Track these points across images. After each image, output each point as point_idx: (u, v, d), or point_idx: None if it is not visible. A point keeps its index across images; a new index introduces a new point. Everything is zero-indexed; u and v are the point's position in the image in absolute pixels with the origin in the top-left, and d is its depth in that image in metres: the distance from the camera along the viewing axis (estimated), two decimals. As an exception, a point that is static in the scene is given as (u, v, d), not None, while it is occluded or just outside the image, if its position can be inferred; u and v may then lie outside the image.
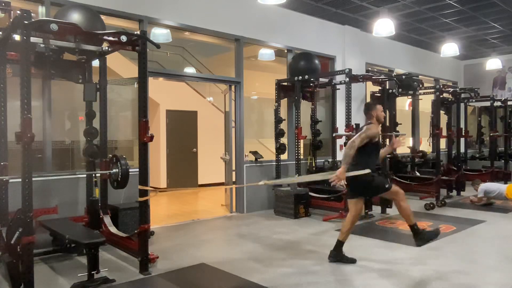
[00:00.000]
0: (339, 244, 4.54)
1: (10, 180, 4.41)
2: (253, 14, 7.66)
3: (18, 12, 3.57)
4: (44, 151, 5.40)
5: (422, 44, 11.43)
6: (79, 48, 4.38)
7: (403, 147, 10.30)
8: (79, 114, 5.83)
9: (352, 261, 4.48)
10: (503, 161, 10.69)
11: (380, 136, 4.54)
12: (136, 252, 4.30)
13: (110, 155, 4.88)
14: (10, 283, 3.69)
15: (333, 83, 7.99)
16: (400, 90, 9.05)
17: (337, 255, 4.52)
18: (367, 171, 4.37)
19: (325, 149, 8.54)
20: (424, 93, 9.56)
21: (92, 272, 3.79)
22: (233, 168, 7.53)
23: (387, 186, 4.60)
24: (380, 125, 4.78)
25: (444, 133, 8.77)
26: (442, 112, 9.35)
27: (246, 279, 4.05)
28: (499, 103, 10.92)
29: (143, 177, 4.37)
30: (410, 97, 10.47)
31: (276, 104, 7.76)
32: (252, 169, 7.59)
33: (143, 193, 4.37)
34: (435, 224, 6.31)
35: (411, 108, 11.62)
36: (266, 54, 9.61)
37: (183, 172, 11.03)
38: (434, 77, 12.49)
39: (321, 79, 8.07)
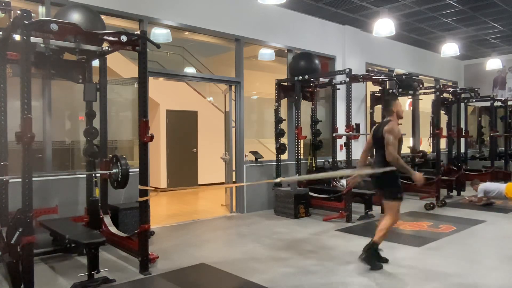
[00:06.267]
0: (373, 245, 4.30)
1: (10, 180, 4.41)
2: (253, 14, 7.66)
3: (18, 12, 3.57)
4: (44, 151, 5.40)
5: (422, 44, 11.43)
6: (79, 48, 4.38)
7: (403, 147, 10.32)
8: (79, 114, 5.83)
9: (379, 266, 4.27)
10: (503, 161, 10.69)
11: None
12: (136, 252, 4.30)
13: (110, 155, 4.88)
14: (10, 283, 3.70)
15: (333, 83, 7.98)
16: (400, 90, 9.06)
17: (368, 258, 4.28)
18: (393, 168, 4.28)
19: (325, 149, 8.55)
20: (424, 93, 9.56)
21: (92, 272, 3.80)
22: (233, 168, 7.53)
23: (399, 195, 4.37)
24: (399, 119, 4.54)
25: (444, 133, 8.77)
26: (442, 112, 9.36)
27: (246, 279, 4.05)
28: (499, 103, 10.93)
29: (143, 177, 4.37)
30: (410, 97, 10.47)
31: (276, 104, 7.76)
32: (252, 169, 7.59)
33: (143, 193, 4.37)
34: (435, 224, 6.32)
35: (411, 108, 11.62)
36: (266, 54, 9.61)
37: (183, 172, 11.03)
38: (434, 77, 12.49)
39: (321, 79, 8.07)
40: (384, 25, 7.54)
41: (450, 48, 9.72)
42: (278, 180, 4.49)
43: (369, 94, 9.60)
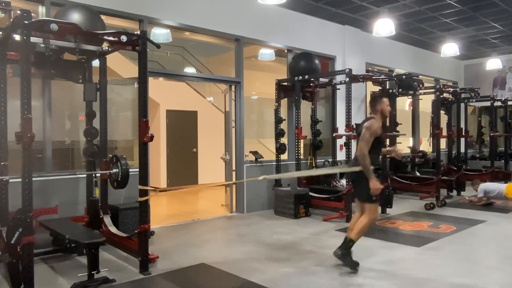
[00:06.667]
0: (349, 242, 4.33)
1: (10, 180, 4.41)
2: (253, 14, 7.66)
3: (18, 12, 3.57)
4: (44, 151, 5.40)
5: (422, 44, 11.42)
6: (79, 48, 4.38)
7: (404, 148, 10.32)
8: (79, 114, 5.83)
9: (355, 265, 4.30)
10: (503, 161, 10.69)
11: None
12: (136, 252, 4.30)
13: (110, 155, 4.88)
14: (10, 283, 3.70)
15: (333, 83, 7.99)
16: (400, 90, 9.05)
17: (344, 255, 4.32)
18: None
19: (325, 149, 8.55)
20: (424, 93, 9.56)
21: (92, 272, 3.80)
22: (233, 168, 7.53)
23: (374, 198, 4.27)
24: (384, 119, 4.59)
25: (444, 133, 8.77)
26: (442, 112, 9.36)
27: (246, 279, 4.05)
28: (499, 103, 10.92)
29: (143, 177, 4.37)
30: (410, 97, 10.47)
31: (276, 104, 7.76)
32: (252, 169, 7.59)
33: (143, 193, 4.37)
34: (435, 224, 6.31)
35: (411, 108, 11.62)
36: (266, 54, 9.61)
37: (183, 172, 11.03)
38: (434, 77, 12.49)
39: (321, 79, 8.07)
40: (384, 25, 7.54)
41: (450, 48, 9.72)
42: (261, 177, 4.60)
43: (369, 94, 9.59)
